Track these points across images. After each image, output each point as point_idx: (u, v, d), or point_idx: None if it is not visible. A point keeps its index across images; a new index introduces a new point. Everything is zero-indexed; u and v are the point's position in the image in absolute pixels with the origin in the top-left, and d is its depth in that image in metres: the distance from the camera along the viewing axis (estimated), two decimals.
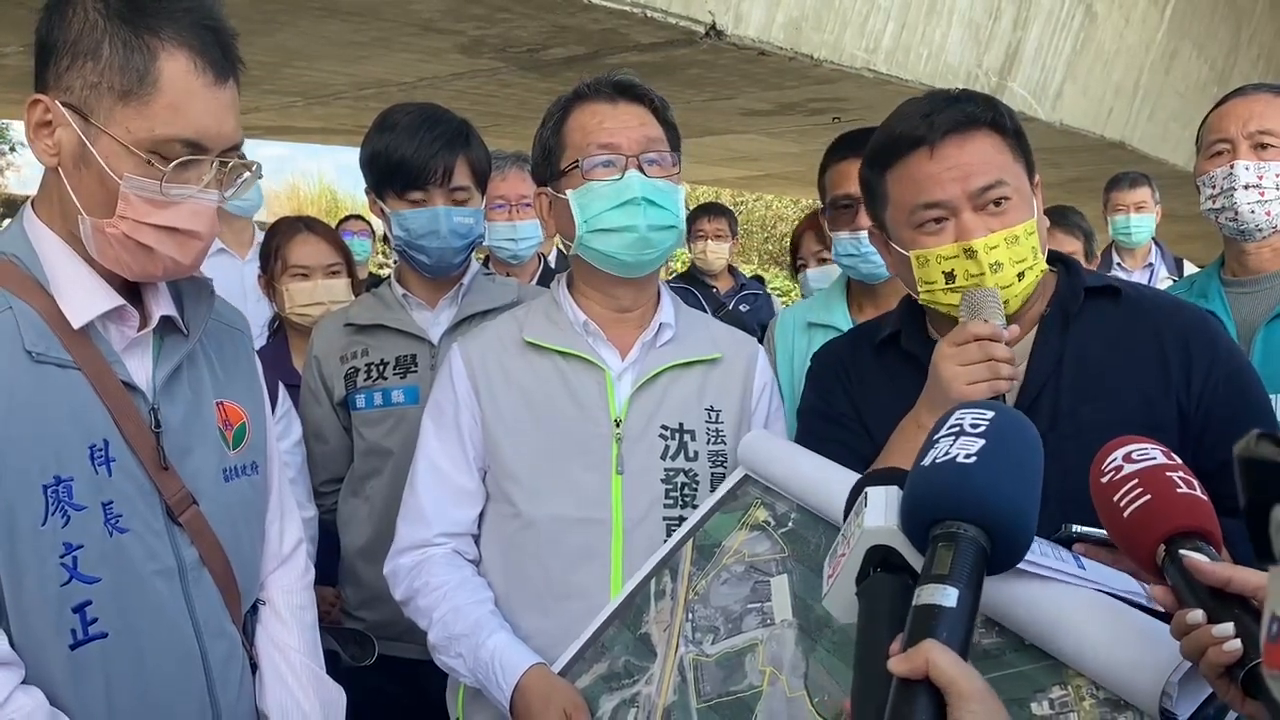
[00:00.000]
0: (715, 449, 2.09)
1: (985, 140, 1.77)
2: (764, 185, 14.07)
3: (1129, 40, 7.74)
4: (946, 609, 0.98)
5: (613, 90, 2.04)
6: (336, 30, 4.90)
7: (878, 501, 1.19)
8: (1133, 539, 1.20)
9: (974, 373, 1.70)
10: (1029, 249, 1.76)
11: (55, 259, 1.56)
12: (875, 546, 1.16)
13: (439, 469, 2.11)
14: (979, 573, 1.03)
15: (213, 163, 1.55)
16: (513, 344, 2.12)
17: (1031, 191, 1.82)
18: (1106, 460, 1.27)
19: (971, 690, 0.92)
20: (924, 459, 1.13)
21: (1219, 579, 1.09)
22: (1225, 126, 2.68)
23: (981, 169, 1.76)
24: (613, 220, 1.99)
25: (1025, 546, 1.09)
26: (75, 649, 1.51)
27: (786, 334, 2.85)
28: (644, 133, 2.02)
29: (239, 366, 1.84)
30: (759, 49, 5.19)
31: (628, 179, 1.99)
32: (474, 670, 1.96)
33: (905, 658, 0.95)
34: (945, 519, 1.07)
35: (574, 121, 2.05)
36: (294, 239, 3.13)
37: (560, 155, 2.05)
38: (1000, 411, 1.16)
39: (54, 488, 1.48)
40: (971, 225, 1.75)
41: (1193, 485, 1.20)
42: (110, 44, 1.47)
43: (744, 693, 1.65)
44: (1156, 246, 6.22)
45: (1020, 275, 1.76)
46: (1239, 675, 1.05)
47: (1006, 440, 1.12)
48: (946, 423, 1.17)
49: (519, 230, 3.99)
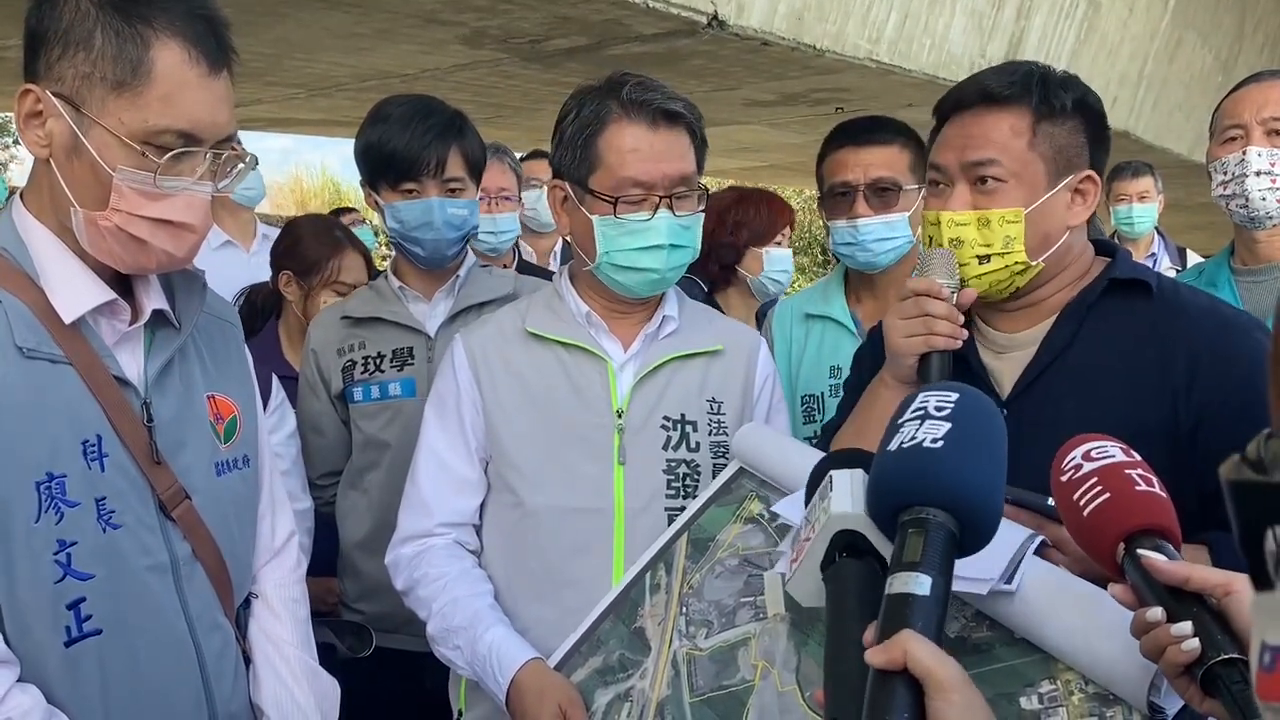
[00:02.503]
0: (717, 440, 2.09)
1: (1007, 118, 1.75)
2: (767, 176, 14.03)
3: (1133, 29, 7.71)
4: (920, 597, 0.97)
5: (657, 115, 1.97)
6: (338, 22, 4.89)
7: (843, 486, 1.17)
8: (1092, 538, 1.19)
9: (909, 327, 1.78)
10: (1002, 236, 1.75)
11: (45, 252, 1.55)
12: (841, 531, 1.15)
13: (441, 459, 2.11)
14: (950, 559, 1.02)
15: (207, 154, 1.54)
16: (515, 335, 2.11)
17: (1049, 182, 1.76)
18: (1066, 459, 1.26)
19: (950, 680, 0.91)
20: (889, 443, 1.11)
21: (1177, 578, 1.09)
22: (1239, 112, 2.67)
23: (980, 144, 1.75)
24: (635, 260, 1.99)
25: (993, 530, 1.08)
26: (70, 646, 1.51)
27: (784, 325, 2.85)
28: (680, 169, 1.99)
29: (230, 360, 1.83)
30: (762, 39, 5.18)
31: (656, 222, 1.96)
32: (471, 663, 1.96)
33: (882, 649, 0.94)
34: (913, 504, 1.05)
35: (610, 139, 1.97)
36: (345, 254, 3.13)
37: (589, 167, 1.99)
38: (965, 393, 1.15)
39: (47, 484, 1.47)
40: (955, 196, 1.78)
41: (1151, 483, 1.19)
42: (102, 33, 1.45)
43: (736, 687, 1.64)
44: (1159, 236, 6.20)
45: (982, 259, 1.76)
46: (1198, 674, 1.04)
47: (972, 423, 1.11)
48: (910, 406, 1.15)
49: (498, 223, 3.98)
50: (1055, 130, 1.75)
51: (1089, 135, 1.79)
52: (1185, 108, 8.75)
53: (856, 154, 2.67)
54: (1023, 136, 1.74)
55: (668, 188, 1.97)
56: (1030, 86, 1.75)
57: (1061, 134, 1.76)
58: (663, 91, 1.98)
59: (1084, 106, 1.78)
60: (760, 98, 6.87)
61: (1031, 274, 1.79)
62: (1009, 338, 1.85)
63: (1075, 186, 1.78)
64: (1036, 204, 1.75)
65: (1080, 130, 1.78)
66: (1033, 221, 1.75)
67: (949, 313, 1.76)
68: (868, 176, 2.63)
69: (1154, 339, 1.72)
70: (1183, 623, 1.06)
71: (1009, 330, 1.86)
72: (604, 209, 1.98)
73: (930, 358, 1.78)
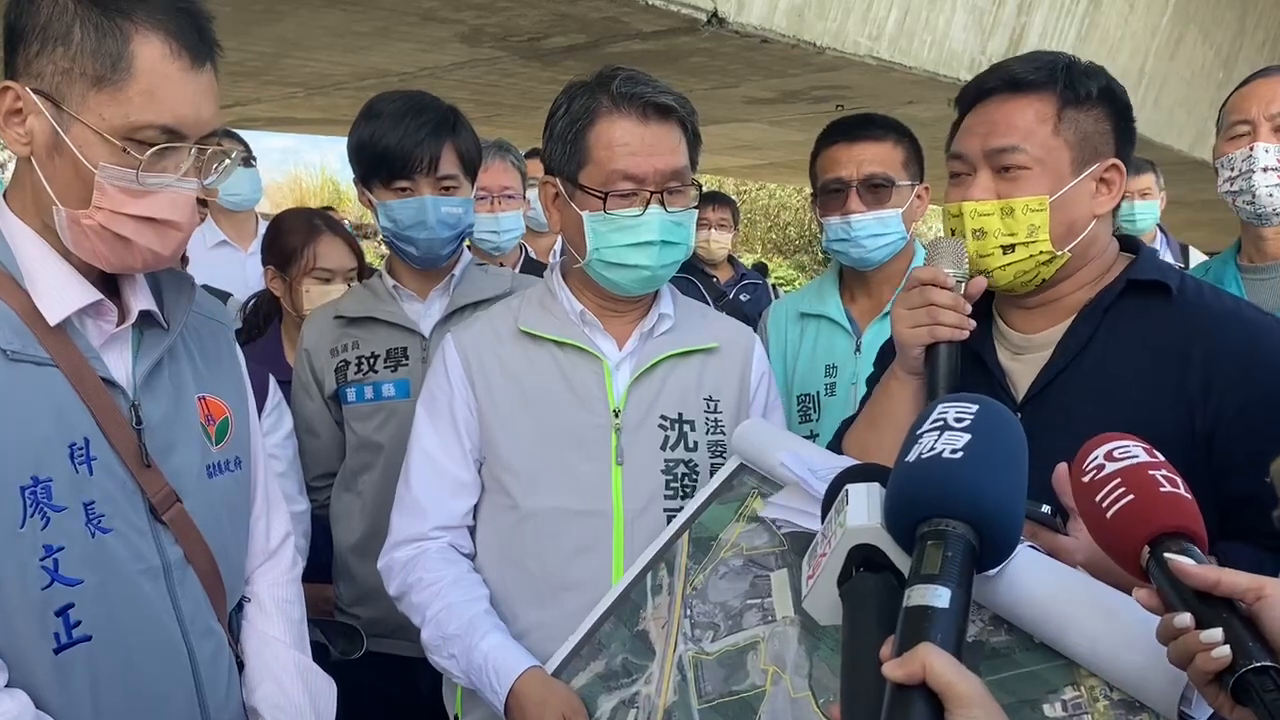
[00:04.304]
0: (714, 439, 2.07)
1: (1032, 104, 1.72)
2: (767, 174, 14.05)
3: (1134, 26, 7.69)
4: (939, 610, 0.95)
5: (647, 109, 1.94)
6: (336, 20, 4.88)
7: (859, 499, 1.16)
8: (1116, 541, 1.15)
9: (914, 317, 1.77)
10: (1026, 225, 1.72)
11: (29, 252, 1.52)
12: (858, 546, 1.12)
13: (434, 460, 2.08)
14: (969, 571, 1.01)
15: (191, 150, 1.51)
16: (508, 334, 2.09)
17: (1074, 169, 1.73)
18: (1088, 459, 1.22)
19: (971, 695, 0.89)
20: (908, 455, 1.10)
21: (1206, 582, 1.04)
22: (1246, 107, 2.65)
23: (1004, 130, 1.73)
24: (626, 257, 1.96)
25: (1013, 543, 1.06)
26: (59, 653, 1.48)
27: (779, 324, 2.84)
28: (671, 163, 1.95)
29: (221, 360, 1.80)
30: (761, 36, 5.16)
31: (648, 218, 1.94)
32: (467, 671, 1.93)
33: (901, 662, 0.92)
34: (932, 516, 1.03)
35: (601, 133, 1.95)
36: (320, 239, 3.07)
37: (579, 162, 1.97)
38: (984, 404, 1.14)
39: (32, 489, 1.45)
40: (976, 184, 1.75)
41: (1176, 484, 1.15)
42: (81, 28, 1.43)
43: (746, 693, 1.61)
44: (1162, 233, 6.18)
45: (1006, 249, 1.74)
46: (1229, 682, 1.00)
47: (993, 434, 1.09)
48: (930, 416, 1.14)
49: (501, 222, 3.95)
50: (1081, 117, 1.73)
51: (1114, 124, 1.76)
52: (1186, 104, 8.74)
53: (849, 150, 2.66)
54: (1047, 123, 1.72)
55: (659, 182, 1.94)
56: (1056, 73, 1.72)
57: (1087, 121, 1.73)
58: (653, 85, 1.95)
59: (1110, 95, 1.76)
60: (760, 95, 6.85)
61: (1058, 264, 1.76)
62: (1026, 339, 1.82)
63: (1100, 175, 1.76)
64: (1061, 192, 1.72)
65: (1106, 119, 1.75)
66: (1058, 210, 1.72)
67: (955, 302, 1.75)
68: (861, 172, 2.63)
69: (1171, 343, 1.68)
70: (1213, 629, 1.01)
71: (1027, 331, 1.83)
72: (594, 204, 1.95)
73: (938, 349, 1.76)
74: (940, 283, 1.75)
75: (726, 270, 6.34)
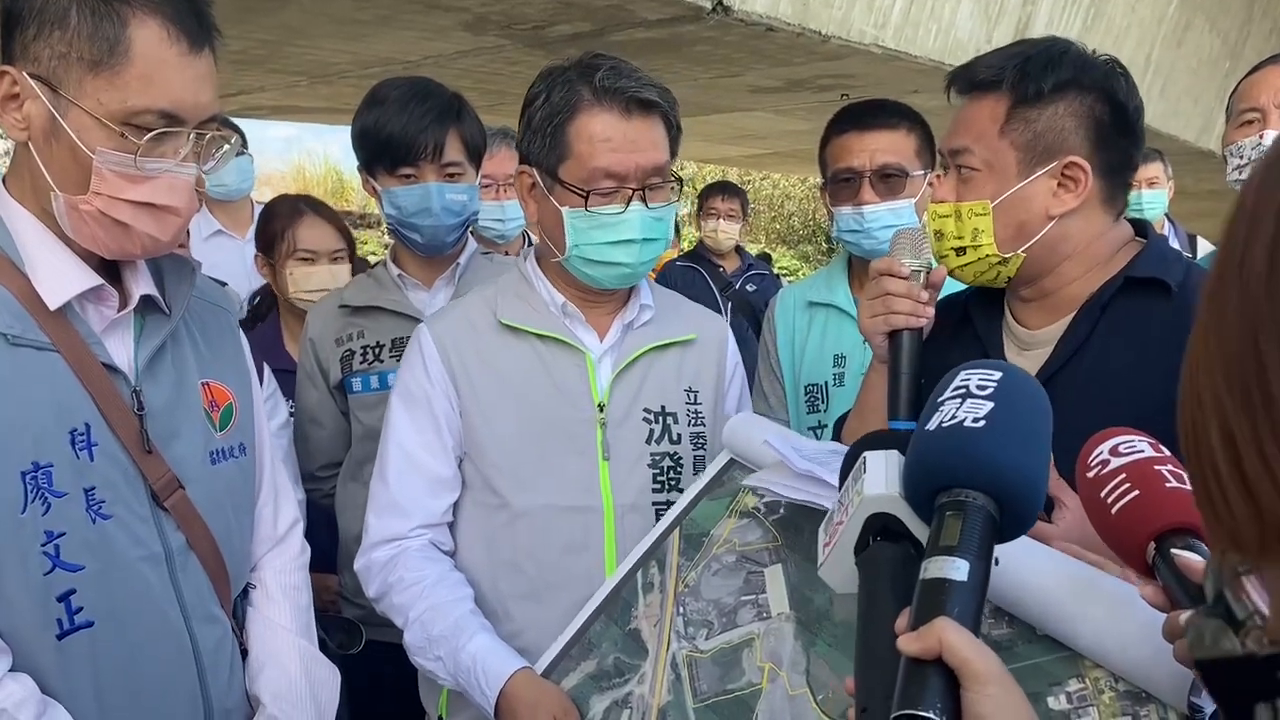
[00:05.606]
0: (696, 430, 2.06)
1: (987, 104, 1.72)
2: (772, 164, 14.03)
3: (1140, 14, 7.66)
4: (957, 583, 0.92)
5: (630, 104, 1.89)
6: (339, 8, 4.87)
7: (877, 467, 1.12)
8: (1121, 537, 1.13)
9: (871, 307, 1.80)
10: (970, 229, 1.72)
11: (29, 237, 1.52)
12: (875, 514, 1.10)
13: (413, 457, 2.02)
14: (989, 544, 0.97)
15: (189, 135, 1.50)
16: (485, 326, 2.03)
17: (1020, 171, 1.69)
18: (1092, 454, 1.20)
19: (988, 672, 0.86)
20: (928, 422, 1.06)
21: None
22: (1256, 95, 2.63)
23: (959, 131, 1.75)
24: (607, 255, 1.93)
25: (1034, 515, 1.03)
26: (62, 639, 1.48)
27: (787, 313, 2.80)
28: (653, 159, 1.91)
29: (225, 346, 1.79)
30: (766, 25, 5.15)
31: (630, 216, 1.91)
32: (454, 674, 1.89)
33: (916, 636, 0.88)
34: (953, 486, 1.00)
35: (581, 126, 1.89)
36: (301, 221, 3.05)
37: (558, 155, 1.92)
38: (1008, 372, 1.09)
39: (32, 474, 1.44)
40: (944, 185, 1.78)
41: (1182, 479, 1.13)
42: (78, 12, 1.42)
43: (742, 691, 1.58)
44: (1170, 223, 6.15)
45: (959, 251, 1.75)
46: None
47: (1016, 403, 1.05)
48: (952, 384, 1.10)
49: (506, 210, 3.91)
50: (1033, 115, 1.69)
51: (1085, 119, 1.70)
52: (1193, 93, 8.71)
53: (861, 139, 2.61)
54: (996, 124, 1.70)
55: (640, 179, 1.91)
56: (1007, 70, 1.69)
57: (1041, 119, 1.69)
58: (636, 78, 1.90)
59: (1076, 86, 1.69)
60: (765, 84, 6.84)
61: (1016, 264, 1.74)
62: (1031, 335, 1.81)
63: (1060, 174, 1.70)
64: (1005, 195, 1.70)
65: (1069, 114, 1.69)
66: (1003, 212, 1.71)
67: (908, 290, 1.77)
68: (874, 163, 2.57)
69: (1167, 342, 1.63)
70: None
71: (1032, 327, 1.81)
72: (574, 201, 1.91)
73: (900, 337, 1.78)
74: (895, 272, 1.78)
75: (734, 260, 6.30)
